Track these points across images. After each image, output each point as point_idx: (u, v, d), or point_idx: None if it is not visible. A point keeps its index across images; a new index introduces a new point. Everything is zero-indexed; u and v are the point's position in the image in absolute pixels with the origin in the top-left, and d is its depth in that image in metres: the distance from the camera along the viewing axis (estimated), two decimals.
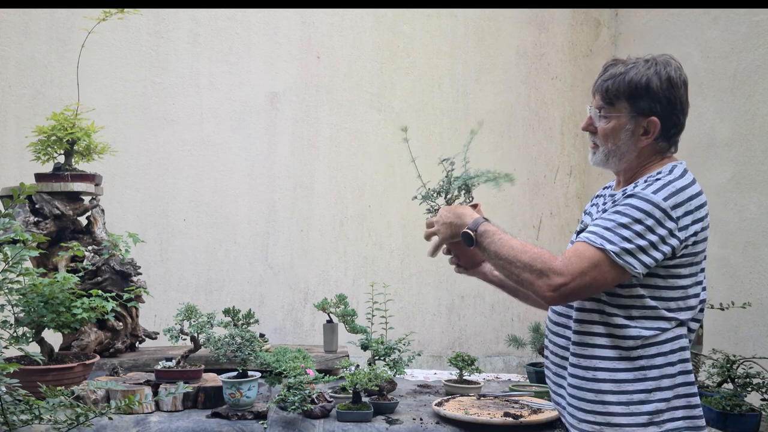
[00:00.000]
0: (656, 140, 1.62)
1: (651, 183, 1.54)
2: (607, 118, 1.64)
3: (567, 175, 4.18)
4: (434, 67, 4.04)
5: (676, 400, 1.55)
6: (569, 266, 1.50)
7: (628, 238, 1.48)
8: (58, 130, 2.68)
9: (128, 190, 3.70)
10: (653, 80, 1.59)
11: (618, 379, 1.55)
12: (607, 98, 1.64)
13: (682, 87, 1.62)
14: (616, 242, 1.48)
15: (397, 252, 3.99)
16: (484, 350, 4.04)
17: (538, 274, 1.52)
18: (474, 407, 2.28)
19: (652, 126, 1.61)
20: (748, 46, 2.95)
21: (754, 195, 2.89)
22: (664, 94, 1.59)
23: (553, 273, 1.50)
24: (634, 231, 1.49)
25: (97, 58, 3.59)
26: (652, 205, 1.49)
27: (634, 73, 1.60)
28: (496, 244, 1.61)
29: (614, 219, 1.51)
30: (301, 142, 3.92)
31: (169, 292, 3.71)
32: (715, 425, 2.14)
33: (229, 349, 2.30)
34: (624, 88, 1.60)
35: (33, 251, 1.99)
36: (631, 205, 1.50)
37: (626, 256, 1.48)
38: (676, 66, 1.63)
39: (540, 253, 1.54)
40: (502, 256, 1.59)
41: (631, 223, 1.49)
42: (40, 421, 1.78)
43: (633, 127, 1.62)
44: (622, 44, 4.11)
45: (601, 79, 1.66)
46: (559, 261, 1.51)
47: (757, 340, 2.83)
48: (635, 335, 1.54)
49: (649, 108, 1.60)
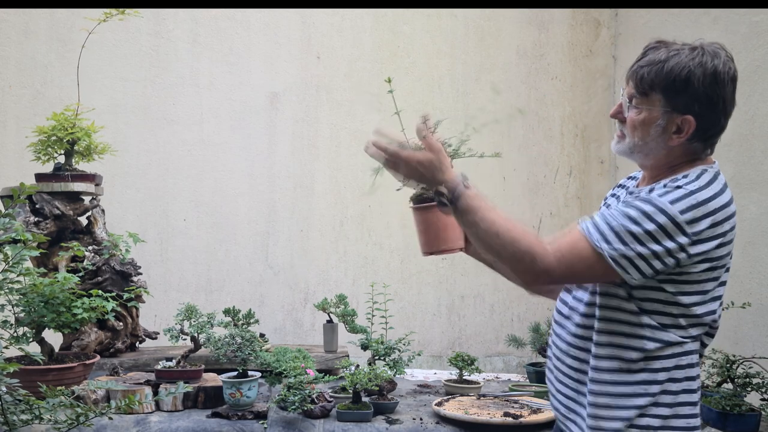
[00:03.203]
0: (689, 140, 1.45)
1: (671, 190, 1.39)
2: (638, 109, 1.47)
3: (567, 175, 4.18)
4: (434, 67, 4.04)
5: (675, 420, 1.45)
6: (561, 261, 1.40)
7: (629, 245, 1.37)
8: (58, 130, 2.68)
9: (128, 190, 3.70)
10: (695, 73, 1.40)
11: (614, 393, 1.47)
12: (640, 87, 1.46)
13: (728, 84, 1.43)
14: (615, 245, 1.38)
15: (397, 252, 3.99)
16: (484, 350, 4.03)
17: (526, 267, 1.41)
18: (474, 407, 2.28)
19: (687, 125, 1.43)
20: (748, 46, 2.96)
21: (754, 195, 2.89)
22: (706, 91, 1.41)
23: (543, 272, 1.40)
24: (638, 238, 1.37)
25: (97, 58, 3.59)
26: (666, 216, 1.36)
27: (675, 63, 1.41)
28: (478, 224, 1.45)
29: (621, 221, 1.38)
30: (301, 142, 3.92)
31: (169, 292, 3.71)
32: (715, 425, 2.14)
33: (229, 349, 2.30)
34: (661, 79, 1.42)
35: (33, 251, 1.99)
36: (644, 212, 1.37)
37: (623, 261, 1.38)
38: (726, 59, 1.43)
39: (529, 245, 1.40)
40: (484, 239, 1.46)
41: (639, 232, 1.36)
42: (40, 421, 1.78)
43: (665, 123, 1.44)
44: (622, 44, 4.11)
45: (637, 65, 1.47)
46: (551, 255, 1.40)
47: (756, 340, 2.83)
48: (650, 347, 1.44)
49: (686, 105, 1.42)
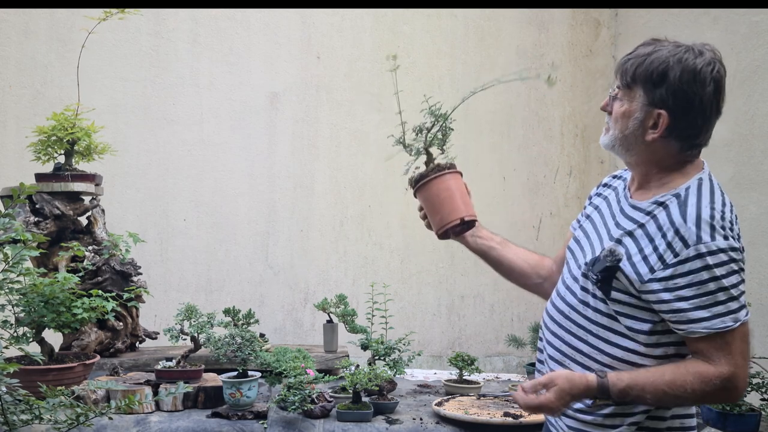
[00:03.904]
0: (666, 138, 1.45)
1: (698, 228, 1.38)
2: (621, 102, 1.49)
3: (567, 175, 4.18)
4: (434, 67, 4.04)
5: (672, 421, 1.49)
6: (732, 362, 1.38)
7: (734, 296, 1.38)
8: (58, 130, 2.68)
9: (128, 190, 3.70)
10: (673, 69, 1.41)
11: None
12: (624, 79, 1.48)
13: (709, 84, 1.41)
14: (734, 308, 1.38)
15: (397, 252, 3.99)
16: (484, 350, 4.03)
17: (716, 394, 1.40)
18: (474, 407, 2.28)
19: (662, 120, 1.44)
20: (748, 47, 2.96)
21: (754, 195, 2.89)
22: (682, 87, 1.40)
23: (730, 384, 1.38)
24: (735, 286, 1.39)
25: (97, 58, 3.59)
26: (724, 253, 1.37)
27: (656, 57, 1.43)
28: (648, 395, 1.42)
29: (715, 294, 1.38)
30: (301, 142, 3.92)
31: (169, 292, 3.71)
32: (715, 425, 2.14)
33: (229, 349, 2.30)
34: (641, 71, 1.44)
35: (33, 251, 1.99)
36: (705, 266, 1.37)
37: (744, 306, 1.41)
38: (712, 59, 1.42)
39: (696, 377, 1.39)
40: (663, 400, 1.44)
41: (731, 286, 1.38)
42: (40, 421, 1.78)
43: (642, 116, 1.46)
44: (622, 44, 4.11)
45: (625, 57, 1.50)
46: (724, 366, 1.38)
47: (757, 340, 2.83)
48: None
49: (662, 99, 1.42)
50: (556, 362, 1.60)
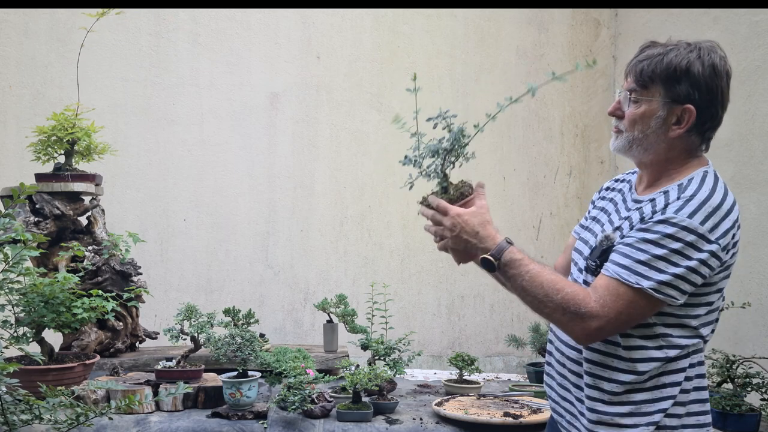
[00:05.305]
0: (688, 132, 1.47)
1: (684, 204, 1.39)
2: (638, 102, 1.49)
3: (567, 175, 4.18)
4: (434, 67, 4.04)
5: (687, 418, 1.49)
6: (605, 308, 1.40)
7: (664, 270, 1.37)
8: (58, 130, 2.68)
9: (128, 190, 3.71)
10: (695, 65, 1.44)
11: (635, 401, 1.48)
12: (640, 80, 1.49)
13: (725, 77, 1.47)
14: (653, 277, 1.38)
15: (397, 252, 3.99)
16: (484, 350, 4.04)
17: (571, 317, 1.42)
18: (474, 407, 2.28)
19: (687, 115, 1.46)
20: (748, 46, 2.96)
21: (754, 195, 2.89)
22: (706, 80, 1.44)
23: (589, 317, 1.40)
24: (670, 261, 1.37)
25: (97, 58, 3.59)
26: (688, 231, 1.37)
27: (674, 55, 1.45)
28: (524, 279, 1.46)
29: (647, 250, 1.39)
30: (301, 142, 3.92)
31: (169, 292, 3.71)
32: (715, 425, 2.14)
33: (229, 349, 2.30)
34: (661, 69, 1.46)
35: (33, 251, 1.99)
36: (666, 234, 1.38)
37: (665, 289, 1.38)
38: (722, 55, 1.48)
39: (573, 293, 1.42)
40: (530, 293, 1.46)
41: (668, 254, 1.37)
42: (40, 421, 1.78)
43: (665, 114, 1.47)
44: (622, 44, 4.11)
45: (635, 60, 1.51)
46: (593, 302, 1.41)
47: (756, 340, 2.83)
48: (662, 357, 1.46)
49: (687, 95, 1.45)
50: (562, 365, 1.63)
